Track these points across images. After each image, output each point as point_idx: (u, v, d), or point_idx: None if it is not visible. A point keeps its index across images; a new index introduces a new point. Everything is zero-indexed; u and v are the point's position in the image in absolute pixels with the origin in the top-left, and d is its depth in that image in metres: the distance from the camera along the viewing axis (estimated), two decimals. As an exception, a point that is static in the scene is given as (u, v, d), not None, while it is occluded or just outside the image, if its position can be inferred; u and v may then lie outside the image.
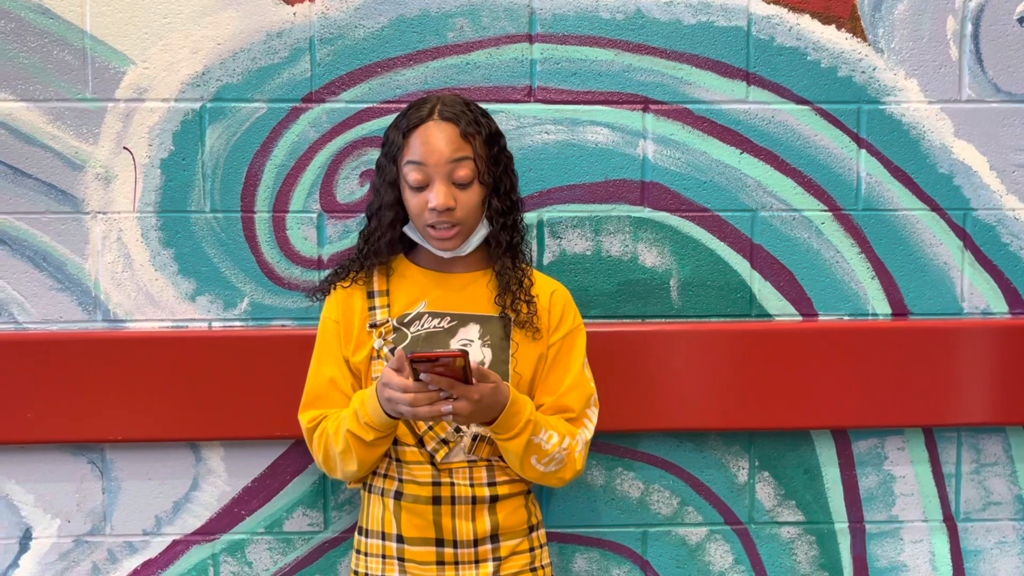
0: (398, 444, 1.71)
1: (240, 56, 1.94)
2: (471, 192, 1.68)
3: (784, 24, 1.99)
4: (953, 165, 2.03)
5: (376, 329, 1.73)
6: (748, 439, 2.05)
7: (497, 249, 1.75)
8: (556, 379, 1.75)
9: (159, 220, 1.95)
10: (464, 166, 1.66)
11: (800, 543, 2.07)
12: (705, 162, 2.00)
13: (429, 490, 1.69)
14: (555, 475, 1.70)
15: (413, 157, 1.67)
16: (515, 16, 1.96)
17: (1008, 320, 2.05)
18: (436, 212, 1.66)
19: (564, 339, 1.76)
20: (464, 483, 1.70)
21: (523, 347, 1.73)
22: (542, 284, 1.79)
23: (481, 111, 1.72)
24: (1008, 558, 2.10)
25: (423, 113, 1.68)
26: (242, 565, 2.00)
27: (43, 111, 1.92)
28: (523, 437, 1.64)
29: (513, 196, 1.76)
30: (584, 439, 1.73)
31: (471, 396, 1.55)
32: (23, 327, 1.95)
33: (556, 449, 1.67)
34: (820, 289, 2.03)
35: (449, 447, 1.69)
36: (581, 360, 1.77)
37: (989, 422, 2.03)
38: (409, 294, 1.75)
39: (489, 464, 1.72)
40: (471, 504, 1.70)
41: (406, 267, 1.79)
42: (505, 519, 1.72)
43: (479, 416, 1.60)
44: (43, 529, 1.98)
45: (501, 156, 1.73)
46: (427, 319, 1.73)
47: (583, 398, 1.75)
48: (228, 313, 1.97)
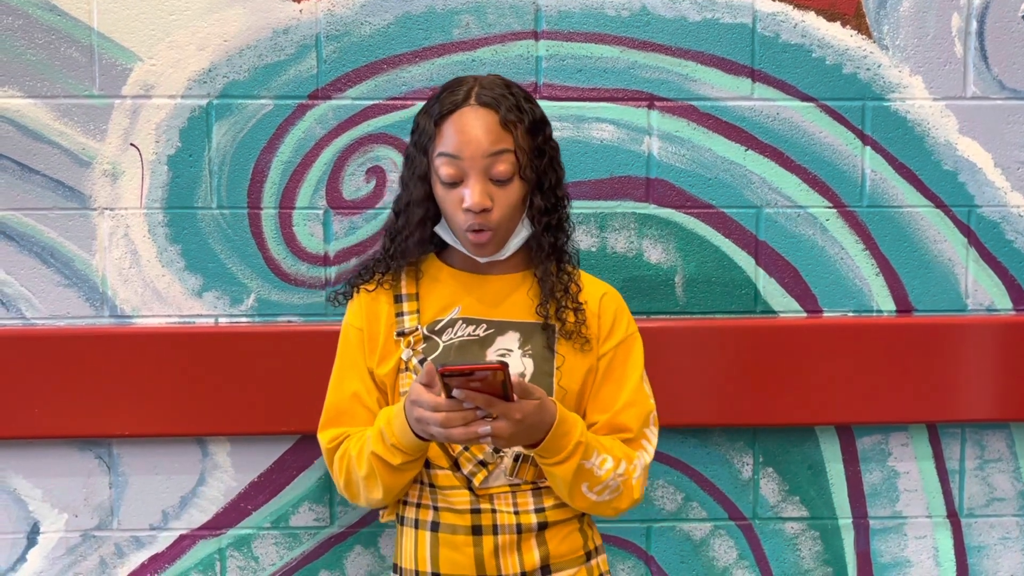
0: (431, 467, 1.52)
1: (246, 53, 1.94)
2: (510, 189, 1.49)
3: (789, 21, 1.99)
4: (958, 162, 2.03)
5: (404, 338, 1.55)
6: (752, 435, 2.05)
7: (539, 252, 1.55)
8: (610, 394, 1.55)
9: (166, 216, 1.96)
10: (503, 160, 1.47)
11: (804, 539, 2.08)
12: (710, 159, 2.00)
13: (468, 519, 1.49)
14: (609, 505, 1.49)
15: (446, 149, 1.47)
16: (521, 13, 1.96)
17: (1012, 317, 2.05)
18: (471, 213, 1.47)
19: (618, 348, 1.57)
20: (507, 510, 1.50)
21: (570, 359, 1.53)
22: (591, 287, 1.60)
23: (524, 94, 1.53)
24: (1012, 554, 2.10)
25: (458, 97, 1.48)
26: (248, 560, 2.01)
27: (50, 108, 1.93)
28: (572, 462, 1.43)
29: (559, 192, 1.56)
30: (643, 463, 1.53)
31: (512, 415, 1.35)
32: (31, 323, 1.96)
33: (610, 476, 1.46)
34: (825, 286, 2.04)
35: (488, 470, 1.50)
36: (639, 373, 1.57)
37: (993, 418, 2.03)
38: (441, 299, 1.57)
39: (535, 488, 1.52)
40: (516, 534, 1.49)
41: (437, 269, 1.60)
42: (556, 548, 1.52)
43: (522, 438, 1.39)
44: (50, 524, 1.99)
45: (546, 147, 1.53)
46: (461, 326, 1.54)
47: (641, 416, 1.55)
48: (234, 309, 1.97)
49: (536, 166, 1.52)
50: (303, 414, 1.91)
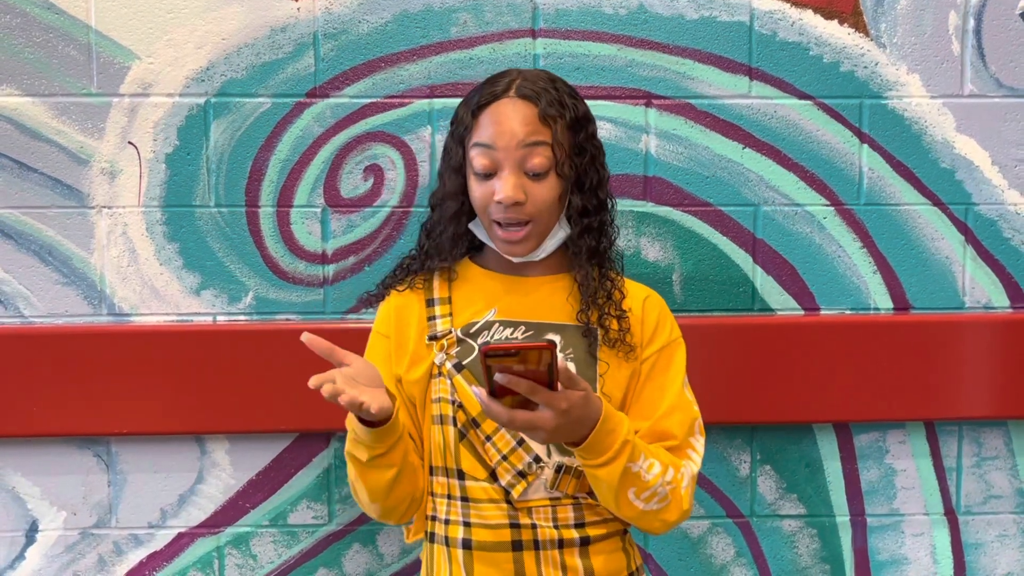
0: (464, 479, 1.44)
1: (244, 51, 1.94)
2: (546, 185, 1.43)
3: (787, 19, 1.99)
4: (955, 160, 2.03)
5: (437, 342, 1.48)
6: (750, 433, 2.06)
7: (578, 256, 1.49)
8: (652, 399, 1.48)
9: (164, 214, 1.96)
10: (539, 153, 1.41)
11: (802, 536, 2.08)
12: (707, 157, 2.00)
13: (507, 534, 1.41)
14: (657, 516, 1.40)
15: (481, 139, 1.43)
16: (518, 11, 1.96)
17: (1009, 314, 2.05)
18: (502, 206, 1.42)
19: (660, 353, 1.51)
20: (547, 524, 1.42)
21: (613, 368, 1.47)
22: (633, 291, 1.55)
23: (570, 90, 1.49)
24: (1009, 551, 2.11)
25: (498, 88, 1.44)
26: (247, 558, 2.01)
27: (48, 106, 1.93)
28: (619, 463, 1.34)
29: (601, 194, 1.50)
30: (691, 473, 1.45)
31: (557, 405, 1.25)
32: (29, 321, 1.96)
33: (658, 482, 1.38)
34: (822, 283, 2.04)
35: (527, 481, 1.42)
36: (681, 378, 1.51)
37: (990, 416, 2.03)
38: (475, 301, 1.50)
39: (576, 502, 1.45)
40: (558, 548, 1.42)
41: (471, 270, 1.55)
42: (601, 566, 1.44)
43: (564, 433, 1.30)
44: (49, 522, 1.99)
45: (588, 145, 1.47)
46: (497, 328, 1.47)
47: (686, 423, 1.49)
48: (233, 307, 1.98)
49: (576, 164, 1.46)
50: (301, 412, 1.91)
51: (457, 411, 1.46)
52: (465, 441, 1.44)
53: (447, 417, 1.47)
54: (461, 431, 1.45)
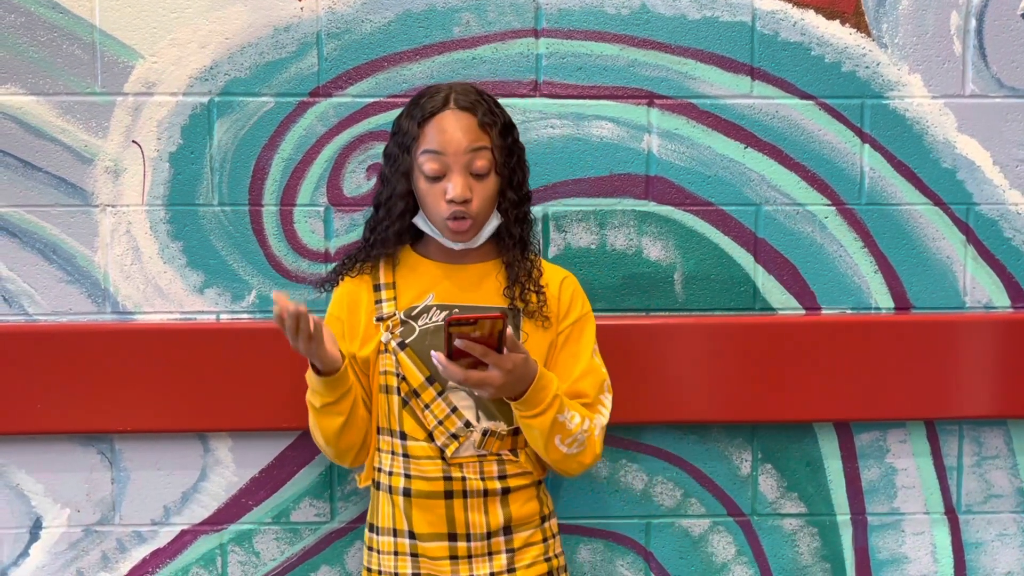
0: (407, 439, 1.69)
1: (248, 50, 1.95)
2: (487, 183, 1.66)
3: (788, 19, 1.99)
4: (956, 160, 2.04)
5: (383, 322, 1.71)
6: (751, 431, 2.06)
7: (509, 241, 1.73)
8: (567, 365, 1.73)
9: (168, 213, 1.97)
10: (482, 156, 1.64)
11: (802, 535, 2.09)
12: (709, 156, 2.01)
13: (440, 485, 1.68)
14: (575, 458, 1.67)
15: (430, 146, 1.64)
16: (521, 11, 1.97)
17: (1010, 314, 2.06)
18: (454, 203, 1.64)
19: (574, 326, 1.74)
20: (475, 477, 1.68)
21: (533, 337, 1.71)
22: (551, 272, 1.78)
23: (494, 101, 1.71)
24: (1009, 550, 2.11)
25: (438, 102, 1.65)
26: (249, 555, 2.02)
27: (53, 105, 1.94)
28: (550, 414, 1.61)
29: (525, 188, 1.74)
30: (600, 424, 1.71)
31: (504, 366, 1.53)
32: (33, 319, 1.97)
33: (579, 430, 1.64)
34: (823, 283, 2.04)
35: (459, 442, 1.68)
36: (591, 346, 1.75)
37: (990, 415, 2.04)
38: (416, 286, 1.73)
39: (499, 458, 1.70)
40: (483, 497, 1.68)
41: (413, 259, 1.76)
42: (517, 511, 1.71)
43: (508, 389, 1.57)
44: (53, 519, 2.00)
45: (515, 147, 1.71)
46: (435, 311, 1.70)
47: (597, 383, 1.73)
48: (236, 305, 1.98)
49: (508, 163, 1.69)
50: (304, 410, 1.90)
51: (400, 383, 1.69)
52: (407, 408, 1.69)
53: (392, 387, 1.70)
54: (404, 399, 1.69)
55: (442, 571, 1.68)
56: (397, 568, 1.70)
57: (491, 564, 1.69)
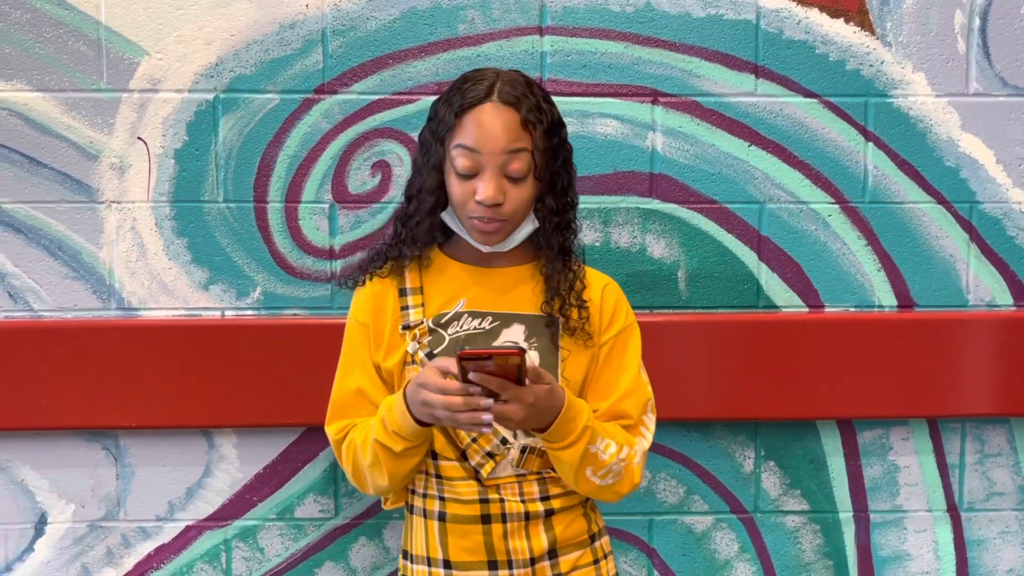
0: (438, 459, 1.54)
1: (253, 47, 1.95)
2: (523, 187, 1.50)
3: (793, 18, 2.00)
4: (960, 158, 2.04)
5: (409, 331, 1.55)
6: (754, 429, 2.07)
7: (548, 251, 1.57)
8: (609, 381, 1.57)
9: (173, 210, 1.97)
10: (520, 159, 1.48)
11: (805, 532, 2.09)
12: (713, 154, 2.01)
13: (476, 508, 1.52)
14: (611, 489, 1.52)
15: (464, 141, 1.48)
16: (526, 9, 1.97)
17: (1013, 312, 2.06)
18: (483, 205, 1.49)
19: (617, 337, 1.59)
20: (514, 499, 1.53)
21: (574, 353, 1.56)
22: (592, 279, 1.62)
23: (544, 94, 1.54)
24: (1011, 548, 2.12)
25: (480, 92, 1.49)
26: (254, 551, 2.03)
27: (58, 101, 1.94)
28: (579, 446, 1.46)
29: (570, 193, 1.58)
30: (642, 449, 1.56)
31: (525, 399, 1.38)
32: (38, 315, 1.97)
33: (614, 460, 1.49)
34: (826, 281, 2.05)
35: (495, 461, 1.52)
36: (637, 362, 1.60)
37: (993, 413, 2.04)
38: (445, 291, 1.57)
39: (540, 477, 1.55)
40: (524, 520, 1.53)
41: (442, 261, 1.61)
42: (563, 532, 1.56)
43: (532, 422, 1.42)
44: (58, 514, 2.01)
45: (561, 148, 1.54)
46: (466, 319, 1.55)
47: (640, 403, 1.58)
48: (241, 302, 1.99)
49: (550, 167, 1.54)
50: (309, 406, 1.92)
51: None
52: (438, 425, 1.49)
53: None
54: None
55: None
56: None
57: None
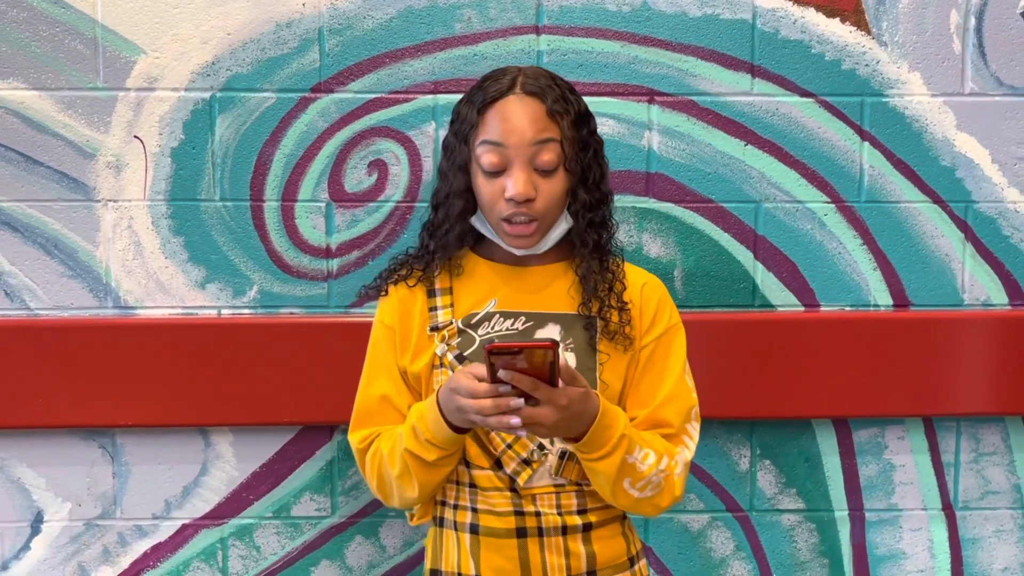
0: (471, 467, 1.47)
1: (250, 46, 1.95)
2: (555, 180, 1.45)
3: (789, 17, 2.00)
4: (955, 158, 2.04)
5: (438, 332, 1.49)
6: (750, 428, 2.07)
7: (583, 248, 1.50)
8: (651, 387, 1.50)
9: (169, 208, 1.97)
10: (549, 149, 1.43)
11: (800, 530, 2.10)
12: (709, 153, 2.02)
13: (511, 521, 1.44)
14: (650, 502, 1.44)
15: (489, 136, 1.43)
16: (522, 8, 1.97)
17: (1008, 312, 2.07)
18: (514, 202, 1.43)
19: (659, 339, 1.52)
20: (551, 511, 1.45)
21: (613, 358, 1.49)
22: (632, 279, 1.55)
23: (569, 86, 1.50)
24: (1006, 546, 2.12)
25: (503, 85, 1.45)
26: (250, 549, 2.03)
27: (55, 100, 1.94)
28: (616, 456, 1.38)
29: (603, 187, 1.52)
30: (684, 460, 1.48)
31: (558, 401, 1.29)
32: (35, 313, 1.97)
33: (653, 471, 1.41)
34: (822, 280, 2.05)
35: (532, 469, 1.44)
36: (681, 365, 1.52)
37: (988, 412, 2.05)
38: (476, 292, 1.52)
39: (579, 488, 1.47)
40: (562, 535, 1.45)
41: (472, 261, 1.55)
42: (602, 551, 1.48)
43: (564, 428, 1.34)
44: (54, 512, 2.01)
45: (591, 140, 1.49)
46: (498, 319, 1.48)
47: (683, 411, 1.51)
48: (237, 300, 1.99)
49: (581, 159, 1.48)
50: (305, 405, 1.93)
51: None
52: (470, 430, 1.43)
53: None
54: None
55: None
56: None
57: None
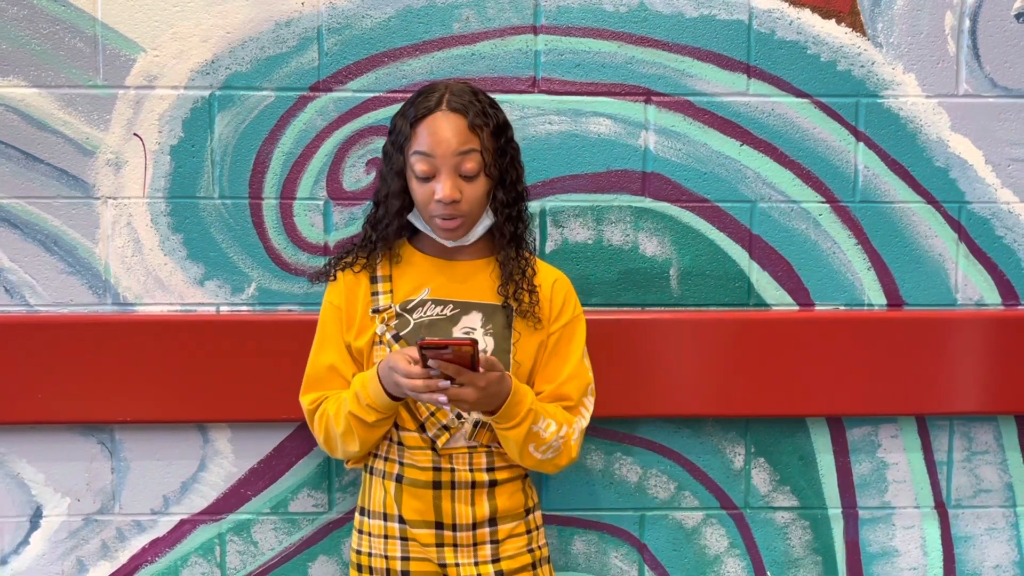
0: (400, 429, 1.73)
1: (249, 45, 1.96)
2: (477, 184, 1.68)
3: (785, 18, 2.01)
4: (949, 159, 2.06)
5: (379, 315, 1.74)
6: (744, 426, 2.08)
7: (501, 239, 1.75)
8: (555, 368, 1.76)
9: (168, 206, 1.98)
10: (471, 159, 1.66)
11: (794, 528, 2.11)
12: (705, 153, 2.03)
13: (430, 475, 1.71)
14: (551, 462, 1.72)
15: (420, 148, 1.66)
16: (520, 8, 1.98)
17: (1001, 311, 2.08)
18: (442, 204, 1.66)
19: (564, 328, 1.77)
20: (464, 468, 1.72)
21: (524, 336, 1.74)
22: (544, 273, 1.80)
23: (489, 100, 1.72)
24: (997, 544, 2.14)
25: (431, 103, 1.67)
26: (248, 544, 2.04)
27: (55, 97, 1.95)
28: (523, 426, 1.66)
29: (519, 187, 1.76)
30: (580, 427, 1.75)
31: (477, 384, 1.57)
32: (34, 310, 1.98)
33: (553, 437, 1.69)
34: (817, 279, 2.06)
35: (450, 433, 1.71)
36: (580, 350, 1.78)
37: (981, 411, 2.06)
38: (412, 280, 1.76)
39: (488, 450, 1.74)
40: (471, 489, 1.72)
41: (410, 253, 1.79)
42: (503, 503, 1.75)
43: (483, 404, 1.62)
44: (53, 507, 2.02)
45: (508, 147, 1.73)
46: (430, 306, 1.74)
47: (581, 387, 1.77)
48: (236, 298, 2.00)
49: (499, 164, 1.71)
50: (303, 402, 1.94)
51: None
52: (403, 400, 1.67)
53: None
54: None
55: (430, 556, 1.72)
56: (387, 551, 1.74)
57: (476, 554, 1.72)
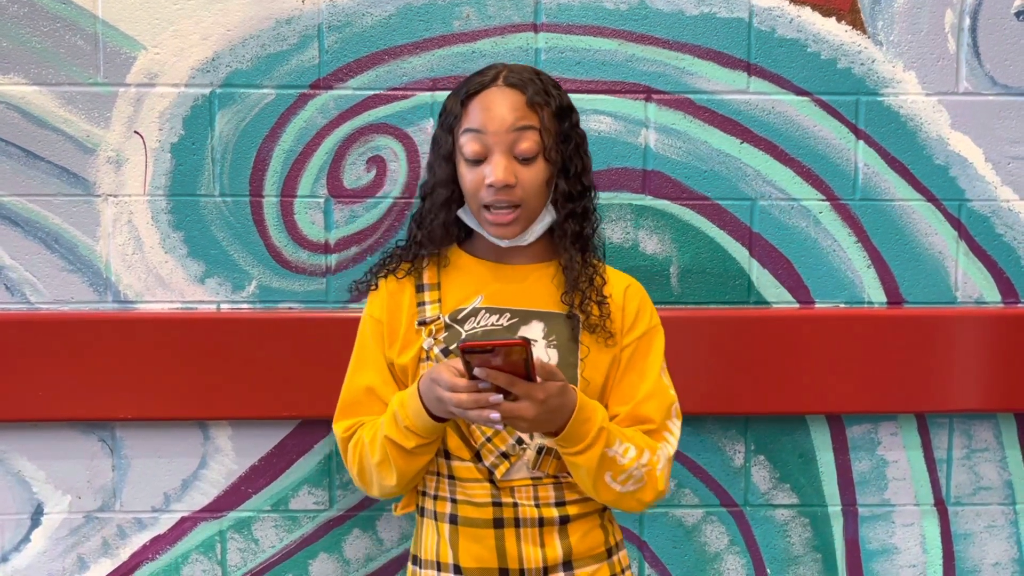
0: (451, 459, 1.49)
1: (249, 42, 1.96)
2: (535, 169, 1.47)
3: (785, 16, 2.01)
4: (949, 156, 2.06)
5: (425, 327, 1.52)
6: (744, 423, 2.09)
7: (563, 239, 1.52)
8: (631, 385, 1.53)
9: (169, 203, 1.98)
10: (528, 137, 1.45)
11: (794, 525, 2.11)
12: (706, 151, 2.03)
13: (489, 512, 1.47)
14: (633, 496, 1.46)
15: (471, 124, 1.47)
16: (520, 5, 1.98)
17: (1000, 309, 2.08)
18: (493, 189, 1.45)
19: (640, 340, 1.55)
20: (528, 503, 1.47)
21: (594, 352, 1.51)
22: (615, 279, 1.58)
23: (553, 82, 1.53)
24: (997, 542, 2.14)
25: (486, 78, 1.49)
26: (248, 542, 2.04)
27: (55, 95, 1.95)
28: (596, 450, 1.40)
29: (585, 180, 1.54)
30: (667, 455, 1.50)
31: (535, 396, 1.32)
32: (35, 307, 1.99)
33: (634, 465, 1.43)
34: (817, 277, 2.07)
35: (510, 462, 1.46)
36: (659, 364, 1.56)
37: (980, 409, 2.06)
38: (463, 287, 1.54)
39: (556, 481, 1.49)
40: (538, 527, 1.47)
41: (459, 257, 1.58)
42: (579, 542, 1.50)
43: (543, 423, 1.36)
44: (54, 505, 2.02)
45: (572, 133, 1.52)
46: (483, 315, 1.51)
47: (663, 407, 1.53)
48: (236, 295, 2.00)
49: (562, 150, 1.50)
50: (303, 399, 1.94)
51: None
52: (451, 423, 1.46)
53: None
54: None
55: None
56: None
57: None
